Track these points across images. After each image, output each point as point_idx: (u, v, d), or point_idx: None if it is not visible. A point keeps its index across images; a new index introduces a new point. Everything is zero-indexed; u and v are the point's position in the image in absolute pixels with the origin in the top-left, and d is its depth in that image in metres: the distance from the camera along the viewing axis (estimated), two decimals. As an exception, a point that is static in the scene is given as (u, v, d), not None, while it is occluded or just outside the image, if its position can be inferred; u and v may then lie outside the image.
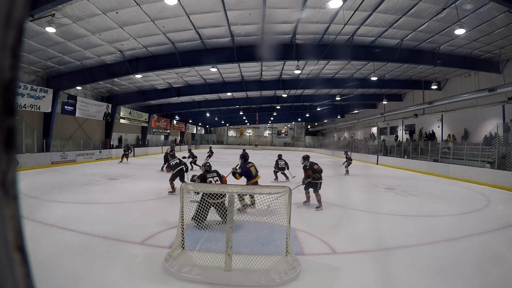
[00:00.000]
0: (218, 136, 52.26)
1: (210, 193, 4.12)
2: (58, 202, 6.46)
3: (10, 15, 0.39)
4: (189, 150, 15.55)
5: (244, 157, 7.05)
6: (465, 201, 7.69)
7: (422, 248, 4.18)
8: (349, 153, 14.37)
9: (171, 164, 7.99)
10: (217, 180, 5.19)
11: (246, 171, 6.19)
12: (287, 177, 10.73)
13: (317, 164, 6.38)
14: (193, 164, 13.93)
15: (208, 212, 4.19)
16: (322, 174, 6.37)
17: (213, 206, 4.25)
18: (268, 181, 9.73)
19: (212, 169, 5.52)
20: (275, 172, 10.94)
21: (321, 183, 6.30)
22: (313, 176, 6.22)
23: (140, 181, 10.06)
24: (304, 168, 6.41)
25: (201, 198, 4.22)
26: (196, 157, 14.47)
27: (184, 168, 7.82)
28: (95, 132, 20.62)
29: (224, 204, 4.26)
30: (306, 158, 6.67)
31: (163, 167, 12.74)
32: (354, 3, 8.43)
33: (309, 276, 3.19)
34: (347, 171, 13.45)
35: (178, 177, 7.71)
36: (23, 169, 11.79)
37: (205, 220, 4.04)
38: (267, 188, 3.63)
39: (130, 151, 17.33)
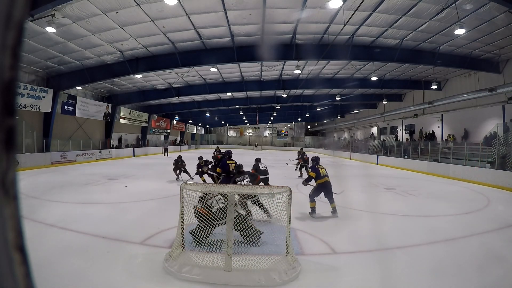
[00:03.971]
0: (218, 136, 52.25)
1: (217, 214, 3.64)
2: (58, 202, 6.46)
3: (10, 15, 0.39)
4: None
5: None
6: (465, 201, 7.68)
7: (422, 248, 4.18)
8: (304, 154, 11.80)
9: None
10: (248, 181, 4.70)
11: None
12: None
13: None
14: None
15: (211, 232, 3.72)
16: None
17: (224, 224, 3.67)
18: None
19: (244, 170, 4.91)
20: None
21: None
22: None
23: (140, 181, 10.06)
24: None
25: (203, 217, 3.73)
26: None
27: None
28: (95, 132, 20.62)
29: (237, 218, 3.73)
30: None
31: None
32: (354, 3, 8.43)
33: (309, 276, 3.19)
34: (300, 173, 11.38)
35: None
36: (23, 169, 11.79)
37: (206, 238, 3.67)
38: (267, 188, 3.63)
39: None
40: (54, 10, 8.34)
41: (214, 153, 19.16)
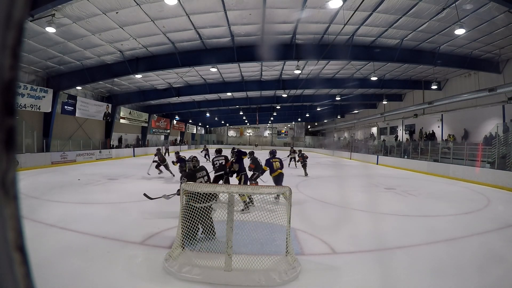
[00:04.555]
0: (218, 136, 52.27)
1: (197, 196, 3.54)
2: (58, 202, 6.46)
3: (10, 15, 0.39)
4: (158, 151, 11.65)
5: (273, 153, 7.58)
6: (465, 201, 7.68)
7: (422, 248, 4.18)
8: (297, 152, 13.68)
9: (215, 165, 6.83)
10: (207, 181, 4.46)
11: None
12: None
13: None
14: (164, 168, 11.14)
15: (196, 216, 3.63)
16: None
17: (197, 211, 3.63)
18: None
19: (201, 166, 4.75)
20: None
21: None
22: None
23: (140, 181, 10.06)
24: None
25: (185, 203, 3.64)
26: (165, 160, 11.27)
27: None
28: (95, 132, 20.62)
29: (209, 210, 3.78)
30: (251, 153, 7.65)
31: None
32: (354, 3, 8.43)
33: (309, 276, 3.19)
34: (305, 172, 12.35)
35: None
36: (23, 169, 11.79)
37: (198, 230, 3.68)
38: (267, 188, 3.63)
39: None
40: (54, 10, 8.34)
41: (201, 152, 19.24)
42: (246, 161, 7.02)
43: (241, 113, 32.62)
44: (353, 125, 33.38)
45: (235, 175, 6.72)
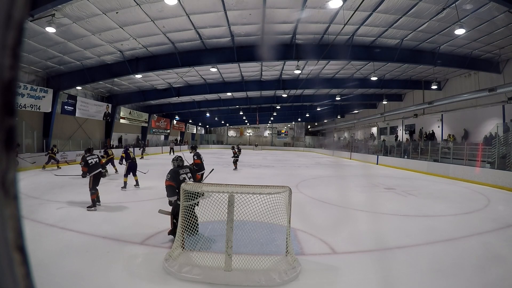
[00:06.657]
0: (218, 136, 52.25)
1: (189, 193, 3.59)
2: (58, 202, 6.46)
3: (10, 15, 0.39)
4: (105, 149, 12.36)
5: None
6: (465, 201, 7.68)
7: (422, 248, 4.18)
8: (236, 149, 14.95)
9: (88, 163, 6.20)
10: (190, 177, 4.56)
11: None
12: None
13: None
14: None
15: (194, 215, 3.79)
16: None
17: (183, 208, 3.62)
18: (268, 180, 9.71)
19: (184, 164, 4.84)
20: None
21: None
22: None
23: (140, 181, 10.04)
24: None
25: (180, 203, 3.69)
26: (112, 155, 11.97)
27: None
28: (95, 132, 20.62)
29: (193, 208, 3.84)
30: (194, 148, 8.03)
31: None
32: (354, 3, 8.43)
33: (309, 276, 3.19)
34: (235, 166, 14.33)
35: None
36: (23, 169, 11.78)
37: (196, 223, 3.77)
38: (267, 188, 3.62)
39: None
40: (54, 10, 8.34)
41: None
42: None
43: (241, 113, 32.62)
44: (353, 125, 33.37)
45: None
